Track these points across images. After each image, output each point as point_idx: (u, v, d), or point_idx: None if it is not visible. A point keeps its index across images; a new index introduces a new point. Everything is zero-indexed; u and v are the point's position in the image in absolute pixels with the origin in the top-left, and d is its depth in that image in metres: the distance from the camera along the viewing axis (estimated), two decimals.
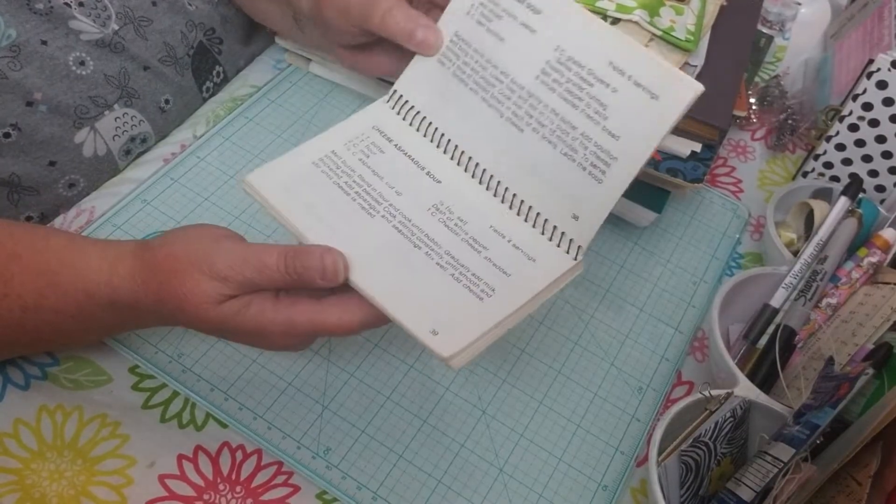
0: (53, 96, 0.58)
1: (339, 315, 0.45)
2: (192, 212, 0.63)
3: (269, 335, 0.46)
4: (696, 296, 0.65)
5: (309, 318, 0.45)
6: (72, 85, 0.59)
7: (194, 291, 0.44)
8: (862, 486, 0.46)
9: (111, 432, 0.52)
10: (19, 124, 0.57)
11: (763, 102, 0.80)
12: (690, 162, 0.65)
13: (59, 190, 0.62)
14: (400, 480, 0.53)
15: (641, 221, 0.66)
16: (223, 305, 0.45)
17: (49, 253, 0.47)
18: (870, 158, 0.69)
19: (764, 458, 0.49)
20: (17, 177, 0.59)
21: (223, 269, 0.44)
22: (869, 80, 0.65)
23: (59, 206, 0.62)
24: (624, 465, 0.55)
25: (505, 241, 0.50)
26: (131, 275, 0.46)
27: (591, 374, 0.59)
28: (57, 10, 0.57)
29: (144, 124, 0.65)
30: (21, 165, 0.58)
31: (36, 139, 0.58)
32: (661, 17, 0.66)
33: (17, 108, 0.57)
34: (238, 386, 0.55)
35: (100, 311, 0.47)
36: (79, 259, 0.47)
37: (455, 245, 0.48)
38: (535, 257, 0.49)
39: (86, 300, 0.47)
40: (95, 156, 0.63)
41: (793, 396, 0.54)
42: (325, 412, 0.55)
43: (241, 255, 0.44)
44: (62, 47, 0.58)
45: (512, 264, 0.48)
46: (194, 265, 0.44)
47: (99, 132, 0.62)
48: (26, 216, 0.61)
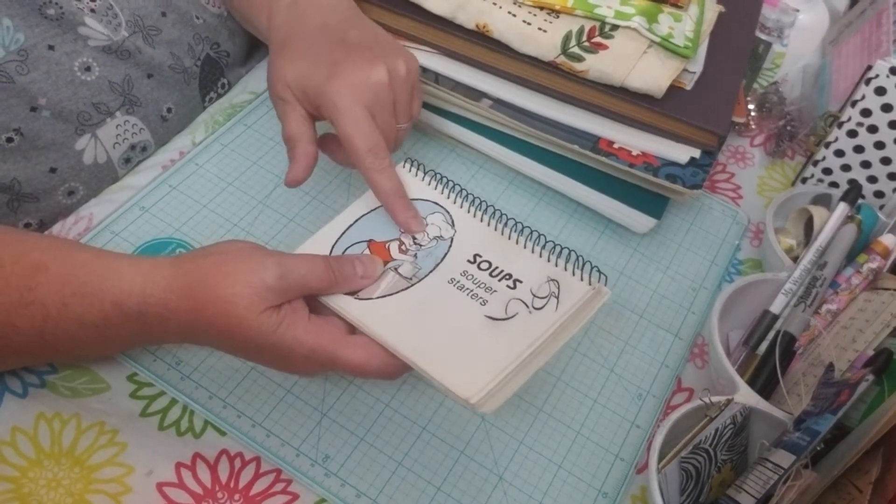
0: (57, 102, 0.58)
1: (360, 353, 0.47)
2: (191, 219, 0.63)
3: (294, 356, 0.47)
4: (695, 302, 0.65)
5: (332, 347, 0.47)
6: (76, 91, 0.59)
7: (243, 294, 0.45)
8: (863, 493, 0.45)
9: (109, 440, 0.51)
10: (22, 129, 0.57)
11: (762, 109, 0.81)
12: (689, 168, 0.65)
13: (59, 197, 0.62)
14: (399, 488, 0.52)
15: (640, 228, 0.66)
16: (263, 315, 0.46)
17: (77, 264, 0.47)
18: (869, 164, 0.69)
19: (764, 464, 0.48)
20: (18, 182, 0.59)
21: (271, 277, 0.46)
22: (867, 87, 0.65)
23: (58, 213, 0.62)
24: (624, 472, 0.55)
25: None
26: (168, 285, 0.46)
27: (591, 380, 0.59)
28: (68, 16, 0.57)
29: (145, 132, 0.66)
30: (22, 171, 0.58)
31: (38, 145, 0.58)
32: (660, 23, 0.66)
33: (22, 112, 0.57)
34: (237, 393, 0.55)
35: (126, 322, 0.47)
36: (108, 270, 0.47)
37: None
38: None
39: (112, 310, 0.47)
40: (95, 163, 0.63)
41: (793, 403, 0.54)
42: (324, 419, 0.54)
43: (286, 263, 0.47)
44: (69, 52, 0.58)
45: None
46: (244, 270, 0.46)
47: (100, 139, 0.62)
48: (25, 223, 0.61)
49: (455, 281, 0.51)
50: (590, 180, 0.66)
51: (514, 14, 0.66)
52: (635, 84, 0.64)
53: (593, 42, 0.65)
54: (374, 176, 0.54)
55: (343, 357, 0.47)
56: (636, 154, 0.65)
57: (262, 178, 0.66)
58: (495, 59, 0.67)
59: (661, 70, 0.64)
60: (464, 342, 0.47)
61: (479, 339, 0.47)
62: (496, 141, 0.68)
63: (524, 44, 0.65)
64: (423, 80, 0.68)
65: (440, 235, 0.53)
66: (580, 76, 0.65)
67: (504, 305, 0.49)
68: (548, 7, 0.66)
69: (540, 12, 0.66)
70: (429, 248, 0.52)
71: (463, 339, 0.47)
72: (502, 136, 0.68)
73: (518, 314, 0.48)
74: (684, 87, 0.67)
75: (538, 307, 0.49)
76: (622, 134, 0.66)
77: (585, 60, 0.64)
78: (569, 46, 0.64)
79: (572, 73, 0.65)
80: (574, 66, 0.64)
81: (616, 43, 0.65)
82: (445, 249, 0.52)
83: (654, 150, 0.65)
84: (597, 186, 0.66)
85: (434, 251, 0.52)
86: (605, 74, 0.64)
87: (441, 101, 0.69)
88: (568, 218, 0.69)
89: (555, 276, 0.50)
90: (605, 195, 0.66)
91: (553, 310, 0.49)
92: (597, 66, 0.64)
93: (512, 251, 0.52)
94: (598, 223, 0.69)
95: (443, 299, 0.50)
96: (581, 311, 0.49)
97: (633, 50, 0.64)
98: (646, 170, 0.64)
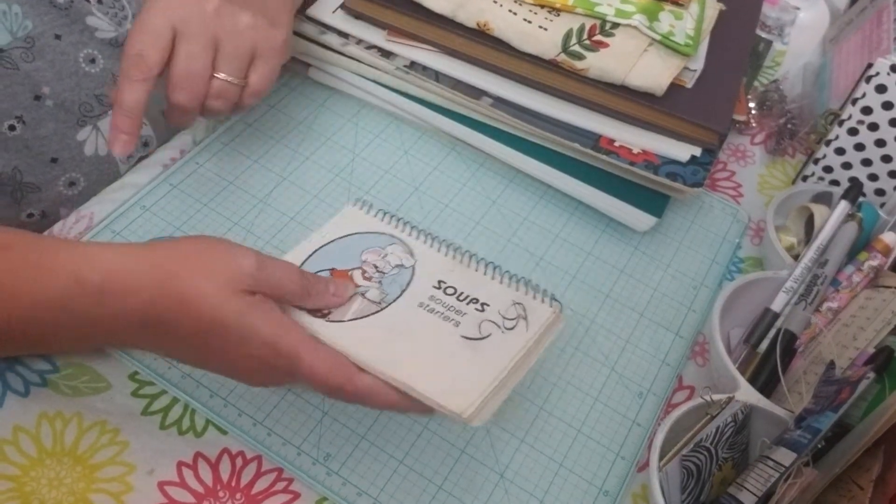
0: (61, 91, 0.59)
1: (324, 363, 0.44)
2: (192, 217, 0.63)
3: (252, 351, 0.44)
4: (696, 300, 0.65)
5: (298, 348, 0.44)
6: (80, 82, 0.60)
7: (219, 271, 0.43)
8: (864, 491, 0.46)
9: (111, 439, 0.51)
10: (24, 117, 0.57)
11: (762, 107, 0.81)
12: (690, 166, 0.65)
13: (60, 188, 0.62)
14: (400, 486, 0.52)
15: (641, 226, 0.66)
16: (235, 296, 0.43)
17: (43, 245, 0.46)
18: (869, 162, 0.69)
19: (765, 462, 0.49)
20: (20, 172, 0.59)
21: (249, 264, 0.44)
22: (868, 84, 0.65)
23: (60, 204, 0.62)
24: (625, 471, 0.55)
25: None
26: (136, 260, 0.44)
27: (592, 379, 0.59)
28: (76, 6, 0.58)
29: (146, 128, 0.66)
30: (23, 160, 0.59)
31: (39, 134, 0.59)
32: (661, 21, 0.66)
33: (25, 100, 0.57)
34: (238, 392, 0.55)
35: (84, 300, 0.44)
36: (74, 247, 0.46)
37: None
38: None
39: (72, 285, 0.44)
40: (96, 155, 0.63)
41: (794, 401, 0.54)
42: (325, 418, 0.54)
43: (264, 259, 0.45)
44: (75, 43, 0.59)
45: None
46: (222, 251, 0.44)
47: (101, 131, 0.62)
48: (28, 213, 0.61)
49: (424, 305, 0.50)
50: (590, 178, 0.66)
51: (515, 12, 0.66)
52: (636, 82, 0.64)
53: (594, 40, 0.65)
54: (122, 83, 0.51)
55: (307, 361, 0.44)
56: (637, 152, 0.65)
57: (263, 177, 0.66)
58: (496, 58, 0.67)
59: (661, 68, 0.64)
60: (445, 360, 0.47)
61: (459, 356, 0.48)
62: (497, 139, 0.68)
63: (525, 42, 0.65)
64: (422, 78, 0.68)
65: (401, 264, 0.53)
66: (581, 74, 0.65)
67: (477, 326, 0.49)
68: (548, 5, 0.66)
69: (541, 10, 0.66)
70: (392, 276, 0.52)
71: (444, 357, 0.48)
72: (503, 134, 0.68)
73: (492, 334, 0.49)
74: (685, 85, 0.67)
75: (509, 328, 0.49)
76: (623, 132, 0.66)
77: (586, 58, 0.64)
78: (569, 44, 0.64)
79: (573, 71, 0.65)
80: (575, 64, 0.64)
81: (617, 41, 0.65)
82: (409, 277, 0.52)
83: (655, 148, 0.65)
84: (597, 185, 0.66)
85: (398, 278, 0.52)
86: (606, 72, 0.64)
87: (441, 99, 0.69)
88: (568, 216, 0.69)
89: (519, 300, 0.51)
90: (605, 193, 0.66)
91: (524, 330, 0.49)
92: (597, 65, 0.64)
93: (474, 278, 0.52)
94: (598, 221, 0.69)
95: (416, 322, 0.49)
96: (544, 335, 0.50)
97: (634, 48, 0.64)
98: (646, 168, 0.64)
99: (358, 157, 0.69)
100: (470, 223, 0.67)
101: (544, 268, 0.65)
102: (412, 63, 0.69)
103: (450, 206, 0.68)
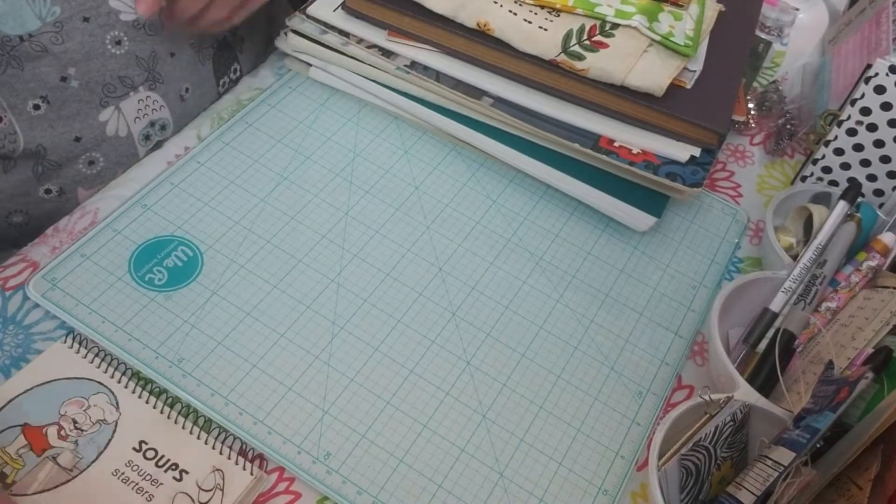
0: (86, 72, 0.60)
1: None
2: (193, 216, 0.63)
3: None
4: (695, 300, 0.65)
5: None
6: (105, 63, 0.61)
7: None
8: (862, 490, 0.46)
9: None
10: (49, 97, 0.59)
11: (762, 107, 0.81)
12: (689, 167, 0.65)
13: (80, 166, 0.64)
14: (400, 485, 0.53)
15: (640, 226, 0.66)
16: None
17: None
18: (868, 163, 0.69)
19: (764, 461, 0.49)
20: (44, 149, 0.61)
21: None
22: (867, 85, 0.65)
23: (78, 183, 0.64)
24: (624, 470, 0.55)
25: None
26: None
27: (591, 378, 0.59)
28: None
29: (164, 110, 0.67)
30: (49, 138, 0.61)
31: (63, 114, 0.60)
32: (660, 22, 0.67)
33: (52, 81, 0.59)
34: (238, 391, 0.55)
35: None
36: None
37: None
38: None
39: None
40: (117, 136, 0.65)
41: (793, 400, 0.54)
42: (326, 416, 0.55)
43: None
44: (102, 25, 0.60)
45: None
46: None
47: (122, 112, 0.64)
48: (45, 188, 0.64)
49: (119, 473, 0.49)
50: (590, 178, 0.66)
51: (515, 13, 0.66)
52: (636, 82, 0.64)
53: (594, 40, 0.65)
54: None
55: None
56: (636, 152, 0.65)
57: (264, 175, 0.67)
58: (496, 58, 0.67)
59: (661, 68, 0.65)
60: None
61: None
62: (497, 139, 0.68)
63: (525, 42, 0.65)
64: (423, 78, 0.68)
65: (104, 419, 0.51)
66: (581, 75, 0.65)
67: (171, 500, 0.48)
68: (548, 6, 0.66)
69: (541, 11, 0.66)
70: (91, 434, 0.50)
71: None
72: (503, 134, 0.68)
73: None
74: (684, 86, 0.67)
75: (203, 501, 0.49)
76: (622, 132, 0.66)
77: (586, 59, 0.64)
78: (569, 45, 0.65)
79: (573, 71, 0.65)
80: (575, 64, 0.65)
81: (616, 41, 0.65)
82: (109, 435, 0.50)
83: (655, 148, 0.65)
84: (597, 185, 0.66)
85: (97, 437, 0.50)
86: (606, 73, 0.64)
87: (442, 99, 0.69)
88: (568, 216, 0.69)
89: (220, 466, 0.50)
90: (605, 193, 0.66)
91: (219, 502, 0.49)
92: (597, 65, 0.64)
93: (178, 437, 0.51)
94: (598, 221, 0.69)
95: (106, 495, 0.48)
96: (244, 500, 0.50)
97: (634, 48, 0.65)
98: (646, 168, 0.64)
99: (358, 157, 0.70)
100: (470, 223, 0.67)
101: (544, 268, 0.65)
102: (413, 63, 0.69)
103: (450, 206, 0.68)
